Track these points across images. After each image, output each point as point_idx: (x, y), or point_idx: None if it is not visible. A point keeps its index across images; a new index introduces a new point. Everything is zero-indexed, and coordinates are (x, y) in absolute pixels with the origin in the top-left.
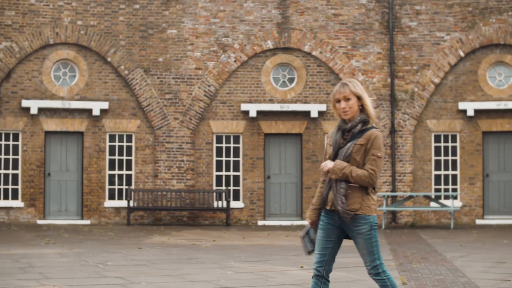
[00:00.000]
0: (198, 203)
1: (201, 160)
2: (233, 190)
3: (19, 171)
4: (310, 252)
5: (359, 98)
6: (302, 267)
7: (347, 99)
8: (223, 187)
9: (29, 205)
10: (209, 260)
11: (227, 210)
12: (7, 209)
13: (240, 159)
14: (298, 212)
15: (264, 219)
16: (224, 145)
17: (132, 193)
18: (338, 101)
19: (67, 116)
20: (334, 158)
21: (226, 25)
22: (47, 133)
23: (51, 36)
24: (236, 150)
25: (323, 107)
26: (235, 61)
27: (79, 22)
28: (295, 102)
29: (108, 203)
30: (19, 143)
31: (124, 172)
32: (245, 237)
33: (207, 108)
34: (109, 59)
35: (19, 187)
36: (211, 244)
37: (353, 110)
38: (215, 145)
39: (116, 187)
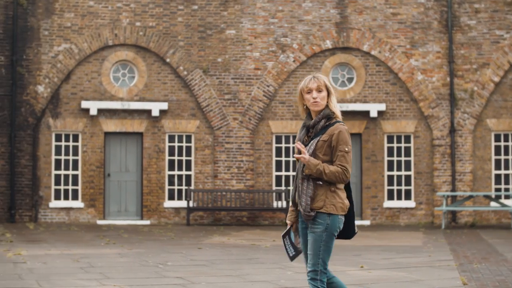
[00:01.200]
0: (258, 203)
1: (261, 160)
2: None
3: (79, 172)
4: (292, 258)
5: (328, 93)
6: (362, 267)
7: (319, 91)
8: (283, 187)
9: (89, 206)
10: (268, 260)
11: (287, 210)
12: (68, 209)
13: None
14: (358, 212)
15: None
16: (283, 145)
17: (192, 193)
18: (309, 91)
19: (126, 117)
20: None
21: (285, 25)
22: (107, 134)
23: (110, 38)
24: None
25: (382, 107)
26: (294, 61)
27: (138, 23)
28: (354, 101)
29: (168, 204)
30: (79, 144)
31: (184, 172)
32: None
33: (266, 108)
34: (168, 60)
35: (79, 187)
36: (270, 244)
37: (323, 103)
38: (274, 145)
39: (176, 187)
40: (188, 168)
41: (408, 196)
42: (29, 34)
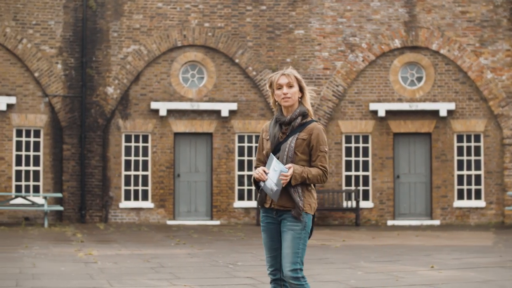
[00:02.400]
0: (328, 203)
1: (331, 160)
2: (363, 190)
3: (149, 172)
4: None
5: (300, 89)
6: (432, 267)
7: (290, 86)
8: (353, 187)
9: (159, 206)
10: (339, 260)
11: (357, 210)
12: (138, 210)
13: (369, 158)
14: (427, 212)
15: (394, 219)
16: (353, 145)
17: None
18: (280, 87)
19: (196, 118)
20: (273, 152)
21: (353, 25)
22: (176, 134)
23: (178, 39)
24: (365, 150)
25: (452, 106)
26: (363, 60)
27: (206, 24)
28: (424, 101)
29: (238, 204)
30: (149, 144)
31: (253, 172)
32: (374, 237)
33: (336, 108)
34: (237, 61)
35: (149, 188)
36: (340, 244)
37: (294, 99)
38: (344, 145)
39: (246, 187)
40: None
41: (478, 196)
42: (99, 36)
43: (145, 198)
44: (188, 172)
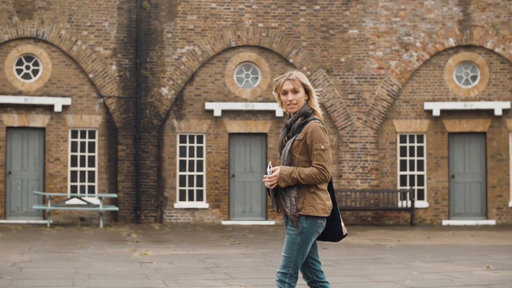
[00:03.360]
0: (383, 203)
1: (385, 159)
2: (417, 189)
3: (203, 173)
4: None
5: (307, 91)
6: (488, 267)
7: (295, 92)
8: (408, 187)
9: (214, 206)
10: (394, 260)
11: (412, 209)
12: (193, 210)
13: (424, 158)
14: (483, 211)
15: (449, 219)
16: (408, 144)
17: None
18: (285, 93)
19: (250, 118)
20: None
21: (407, 24)
22: (231, 134)
23: (232, 39)
24: (420, 150)
25: (507, 105)
26: (417, 60)
27: (260, 24)
28: (479, 100)
29: None
30: (203, 145)
31: None
32: (429, 237)
33: (390, 108)
34: (291, 61)
35: (204, 188)
36: (396, 244)
37: (299, 105)
38: (398, 144)
39: None
40: None
41: None
42: (153, 37)
43: (199, 198)
44: (243, 172)
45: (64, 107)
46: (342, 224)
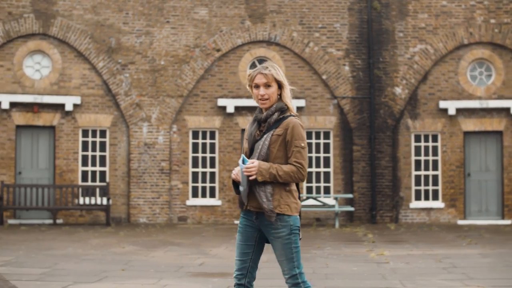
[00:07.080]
0: None
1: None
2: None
3: (439, 172)
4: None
5: (279, 85)
6: None
7: (267, 86)
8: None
9: (449, 206)
10: None
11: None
12: (428, 210)
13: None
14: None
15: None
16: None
17: None
18: (257, 86)
19: (485, 116)
20: (250, 152)
21: None
22: (466, 133)
23: (465, 36)
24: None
25: None
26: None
27: (492, 21)
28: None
29: None
30: (438, 144)
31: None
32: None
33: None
34: None
35: (439, 187)
36: None
37: (272, 99)
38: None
39: None
40: None
41: None
42: (384, 36)
43: (435, 198)
44: (479, 171)
45: (299, 108)
46: None
